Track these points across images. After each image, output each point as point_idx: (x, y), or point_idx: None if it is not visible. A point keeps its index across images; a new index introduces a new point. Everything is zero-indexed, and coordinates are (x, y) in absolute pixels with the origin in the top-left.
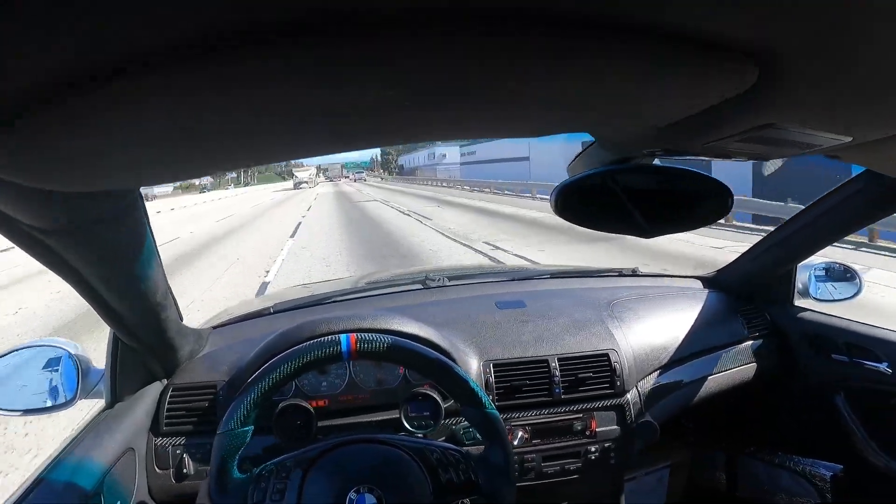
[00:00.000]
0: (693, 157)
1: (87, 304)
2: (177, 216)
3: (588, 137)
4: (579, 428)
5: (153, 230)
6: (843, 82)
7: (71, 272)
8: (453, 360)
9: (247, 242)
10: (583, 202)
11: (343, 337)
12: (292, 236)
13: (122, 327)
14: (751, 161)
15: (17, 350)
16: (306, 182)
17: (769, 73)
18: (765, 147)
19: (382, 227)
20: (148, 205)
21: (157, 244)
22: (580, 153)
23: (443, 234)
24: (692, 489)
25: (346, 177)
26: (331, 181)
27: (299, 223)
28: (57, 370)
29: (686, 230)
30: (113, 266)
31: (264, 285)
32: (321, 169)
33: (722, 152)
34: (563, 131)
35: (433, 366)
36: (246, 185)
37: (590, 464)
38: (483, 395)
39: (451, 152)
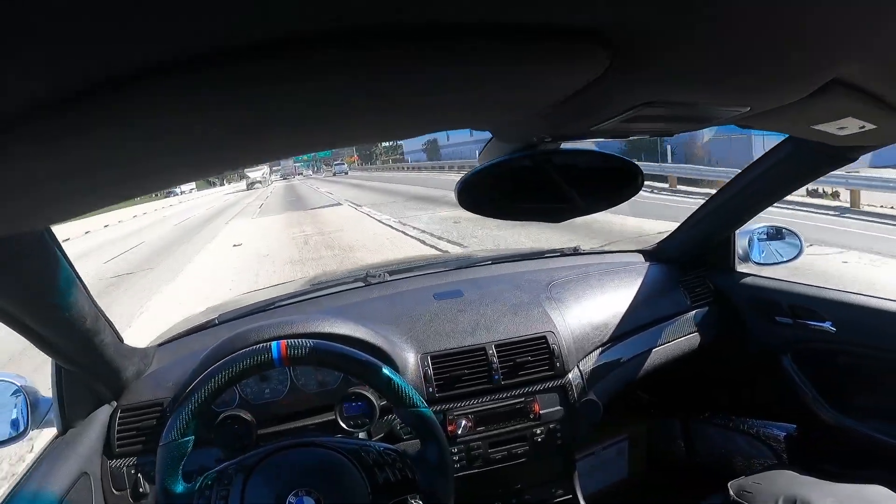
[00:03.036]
0: (602, 139)
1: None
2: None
3: None
4: (522, 411)
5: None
6: (698, 59)
7: None
8: (390, 357)
9: None
10: (488, 193)
11: (274, 344)
12: None
13: (58, 355)
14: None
15: None
16: (260, 182)
17: (622, 56)
18: (663, 124)
19: None
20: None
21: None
22: (486, 144)
23: None
24: (652, 458)
25: (299, 173)
26: (285, 179)
27: None
28: (5, 404)
29: (597, 211)
30: (31, 299)
31: None
32: (273, 169)
33: (618, 133)
34: (457, 127)
35: (361, 367)
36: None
37: (537, 446)
38: (413, 395)
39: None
